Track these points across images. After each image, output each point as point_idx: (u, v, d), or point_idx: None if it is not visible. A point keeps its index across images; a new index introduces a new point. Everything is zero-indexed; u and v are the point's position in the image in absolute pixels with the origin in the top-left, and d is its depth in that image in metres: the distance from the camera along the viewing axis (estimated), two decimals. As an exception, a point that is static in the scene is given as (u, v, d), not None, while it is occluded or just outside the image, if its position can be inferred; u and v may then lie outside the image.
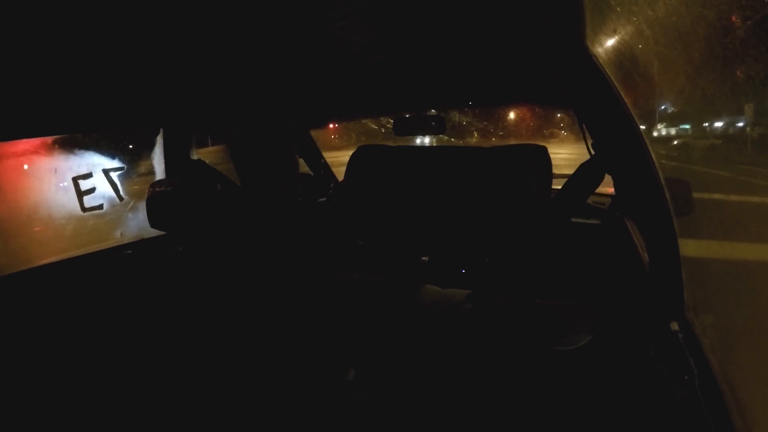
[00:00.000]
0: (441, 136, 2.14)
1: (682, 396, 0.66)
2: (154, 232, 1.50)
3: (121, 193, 1.94)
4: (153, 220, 1.40)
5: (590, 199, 1.72)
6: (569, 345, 0.68)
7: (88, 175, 1.84)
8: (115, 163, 1.96)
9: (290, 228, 1.35)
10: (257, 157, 1.34)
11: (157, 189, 1.38)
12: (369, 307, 0.80)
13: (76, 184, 1.80)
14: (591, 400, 0.68)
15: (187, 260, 1.34)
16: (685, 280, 0.76)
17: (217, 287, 1.23)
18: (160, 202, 1.36)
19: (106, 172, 1.92)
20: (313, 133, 2.32)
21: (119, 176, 1.94)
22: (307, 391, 0.79)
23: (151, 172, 1.92)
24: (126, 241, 1.66)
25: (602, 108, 0.80)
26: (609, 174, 1.05)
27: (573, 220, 1.57)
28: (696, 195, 0.99)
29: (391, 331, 0.75)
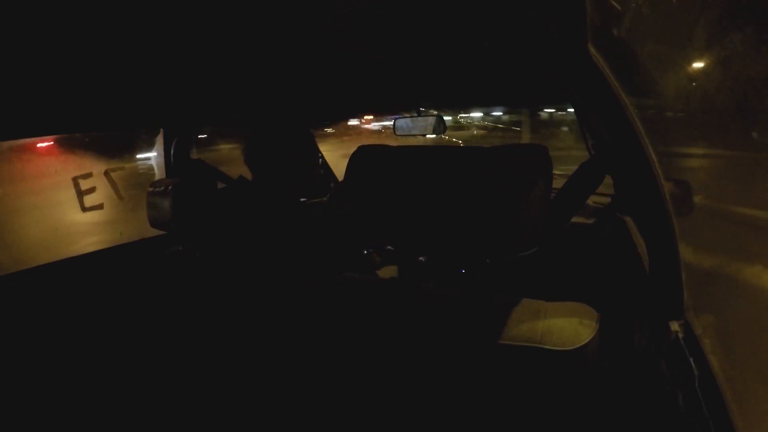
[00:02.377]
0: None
1: (682, 396, 0.66)
2: (154, 232, 1.50)
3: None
4: (153, 220, 1.40)
5: (590, 199, 1.72)
6: (569, 345, 0.68)
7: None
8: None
9: (292, 228, 1.35)
10: (269, 157, 1.34)
11: (157, 189, 1.38)
12: (366, 308, 0.80)
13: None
14: (590, 400, 0.68)
15: (187, 260, 1.34)
16: (685, 280, 0.76)
17: (216, 287, 1.23)
18: (160, 202, 1.36)
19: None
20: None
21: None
22: (303, 392, 0.79)
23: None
24: (126, 241, 1.66)
25: (603, 109, 0.80)
26: (609, 174, 1.06)
27: (573, 220, 1.57)
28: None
29: (387, 332, 0.75)
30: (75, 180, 2.12)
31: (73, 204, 2.19)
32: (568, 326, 0.70)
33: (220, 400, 0.94)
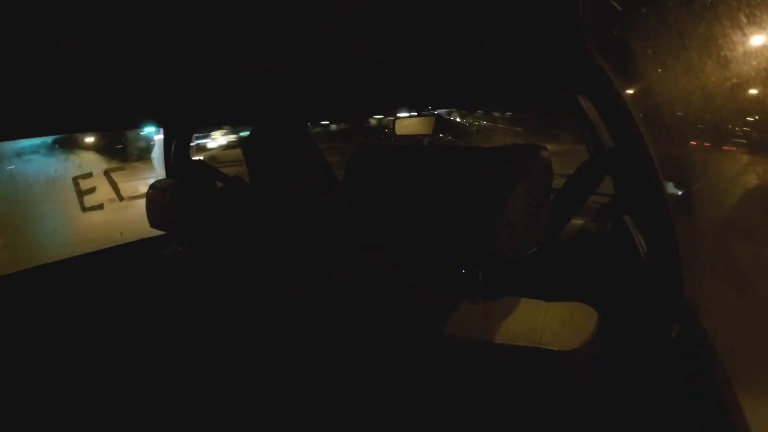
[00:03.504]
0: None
1: (683, 396, 0.66)
2: (154, 232, 1.50)
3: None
4: (153, 220, 1.40)
5: (590, 199, 1.72)
6: (569, 345, 0.68)
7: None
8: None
9: (292, 228, 1.35)
10: (269, 157, 1.35)
11: (157, 189, 1.38)
12: (365, 307, 0.80)
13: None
14: (591, 400, 0.68)
15: (187, 260, 1.34)
16: (685, 280, 0.76)
17: (216, 287, 1.23)
18: (160, 202, 1.36)
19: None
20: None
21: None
22: (303, 392, 0.80)
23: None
24: (126, 241, 1.66)
25: (603, 109, 0.80)
26: (609, 174, 1.06)
27: (573, 220, 1.57)
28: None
29: (386, 331, 0.75)
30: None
31: None
32: (568, 326, 0.70)
33: (219, 399, 0.94)
